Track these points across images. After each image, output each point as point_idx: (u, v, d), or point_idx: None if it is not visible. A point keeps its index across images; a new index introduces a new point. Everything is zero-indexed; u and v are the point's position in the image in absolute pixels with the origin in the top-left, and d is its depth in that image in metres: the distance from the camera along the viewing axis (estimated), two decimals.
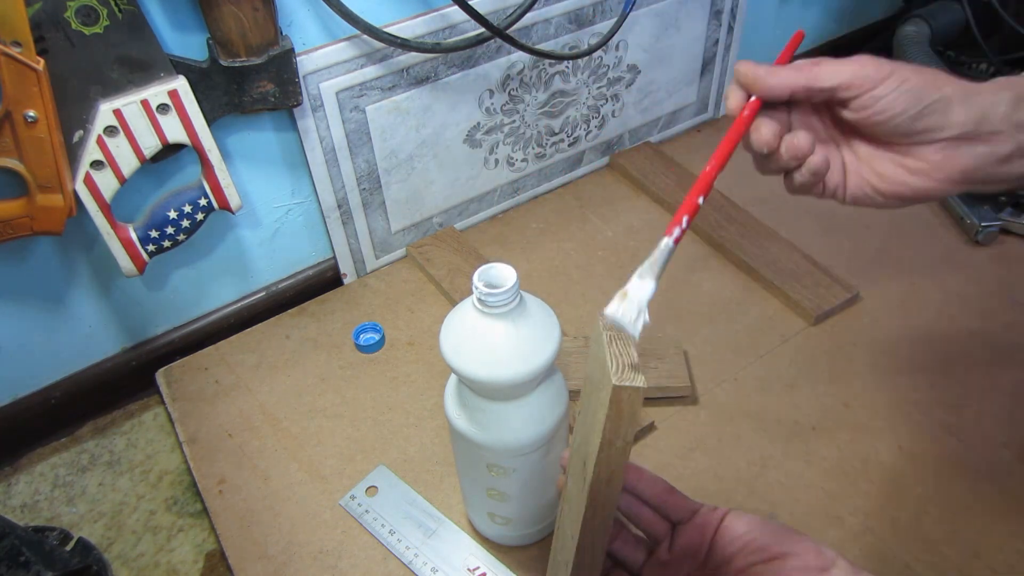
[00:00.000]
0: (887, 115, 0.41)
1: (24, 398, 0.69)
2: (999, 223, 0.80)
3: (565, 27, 0.77)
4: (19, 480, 0.68)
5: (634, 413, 0.33)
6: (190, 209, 0.64)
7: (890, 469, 0.62)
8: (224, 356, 0.73)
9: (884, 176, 0.43)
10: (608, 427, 0.34)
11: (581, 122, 0.87)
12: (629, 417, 0.34)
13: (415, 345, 0.74)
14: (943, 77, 0.42)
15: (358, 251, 0.79)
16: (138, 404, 0.74)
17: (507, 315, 0.43)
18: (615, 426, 0.34)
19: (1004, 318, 0.73)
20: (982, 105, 0.41)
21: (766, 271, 0.77)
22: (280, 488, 0.62)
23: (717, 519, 0.42)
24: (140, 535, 0.64)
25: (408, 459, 0.64)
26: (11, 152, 0.52)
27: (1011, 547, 0.56)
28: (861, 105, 0.41)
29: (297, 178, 0.73)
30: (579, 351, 0.70)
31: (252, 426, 0.67)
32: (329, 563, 0.57)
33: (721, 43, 0.93)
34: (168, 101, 0.57)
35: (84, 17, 0.51)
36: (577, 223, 0.86)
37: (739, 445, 0.64)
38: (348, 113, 0.69)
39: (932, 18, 0.97)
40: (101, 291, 0.68)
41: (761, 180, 0.83)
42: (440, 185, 0.80)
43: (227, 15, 0.56)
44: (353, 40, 0.65)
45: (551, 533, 0.58)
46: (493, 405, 0.47)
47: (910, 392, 0.67)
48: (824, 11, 1.07)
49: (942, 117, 0.41)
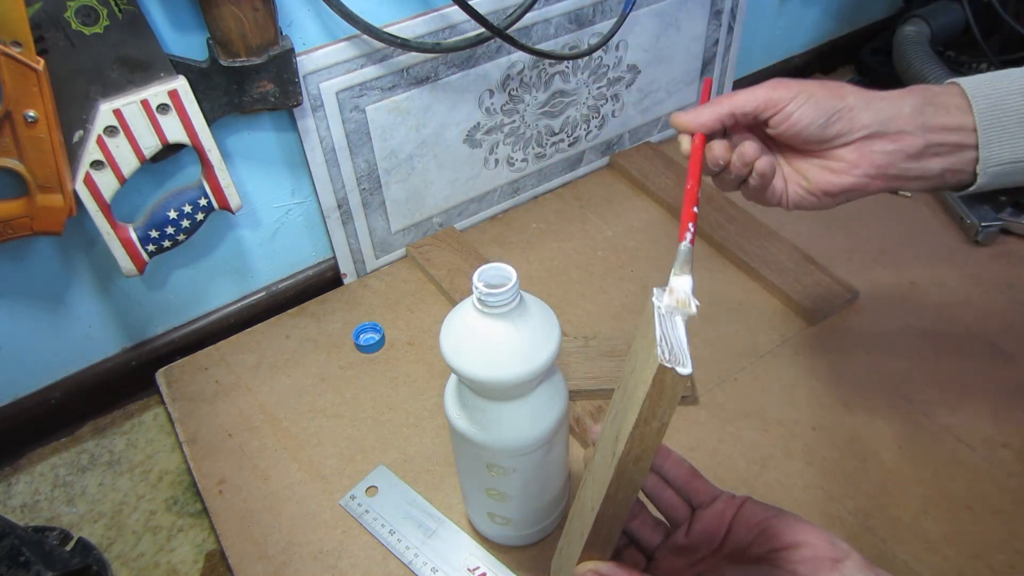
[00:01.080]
0: (800, 126, 0.49)
1: (24, 398, 0.69)
2: (999, 223, 0.80)
3: (565, 27, 0.77)
4: (19, 480, 0.68)
5: (675, 396, 0.34)
6: (190, 209, 0.64)
7: (890, 469, 0.62)
8: (224, 356, 0.73)
9: (812, 179, 0.50)
10: (647, 405, 0.34)
11: (581, 122, 0.87)
12: (670, 399, 0.34)
13: (415, 345, 0.74)
14: (847, 88, 0.49)
15: (358, 251, 0.79)
16: (138, 404, 0.74)
17: (507, 315, 0.43)
18: (654, 405, 0.34)
19: (1004, 318, 0.73)
20: (885, 109, 0.48)
21: (766, 271, 0.77)
22: (280, 488, 0.62)
23: (736, 506, 0.43)
24: (140, 535, 0.64)
25: (408, 459, 0.64)
26: (11, 152, 0.52)
27: (1011, 547, 0.56)
28: (777, 121, 0.49)
29: (297, 178, 0.73)
30: (579, 351, 0.70)
31: (252, 426, 0.67)
32: (329, 563, 0.57)
33: (721, 43, 0.93)
34: (168, 101, 0.57)
35: (84, 17, 0.51)
36: (577, 223, 0.86)
37: (739, 445, 0.64)
38: (348, 113, 0.69)
39: (932, 18, 0.97)
40: (101, 291, 0.68)
41: None
42: (440, 185, 0.80)
43: (227, 15, 0.56)
44: (353, 40, 0.65)
45: (551, 533, 0.58)
46: (493, 405, 0.47)
47: (910, 392, 0.67)
48: (824, 11, 1.07)
49: (848, 122, 0.48)
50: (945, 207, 0.85)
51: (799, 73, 1.10)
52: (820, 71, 1.12)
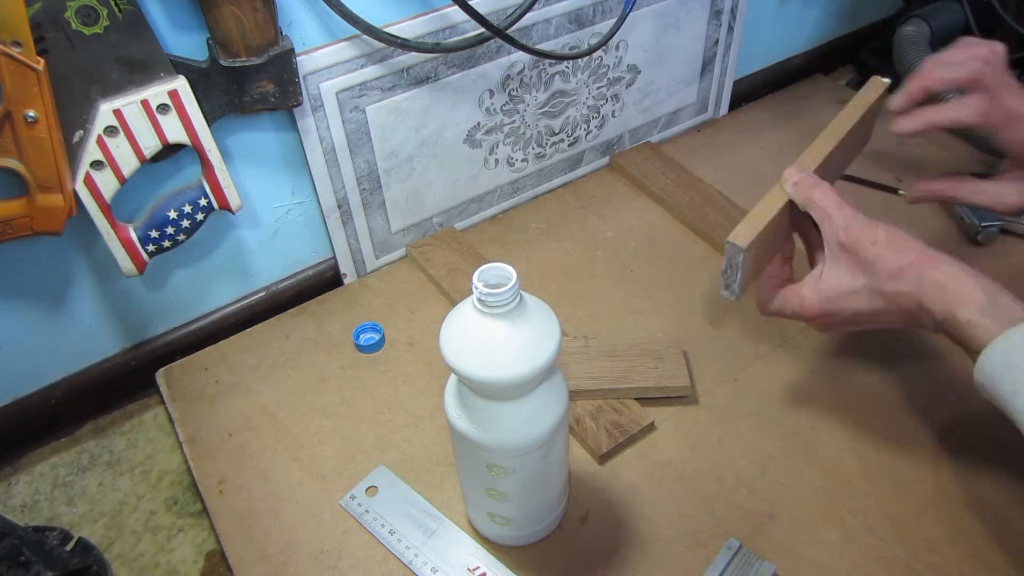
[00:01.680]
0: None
1: (24, 398, 0.69)
2: (999, 223, 0.80)
3: (565, 27, 0.77)
4: (19, 480, 0.68)
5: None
6: (190, 209, 0.64)
7: (890, 469, 0.62)
8: (224, 356, 0.73)
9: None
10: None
11: (581, 122, 0.87)
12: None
13: (415, 345, 0.74)
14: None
15: (358, 251, 0.79)
16: (138, 404, 0.74)
17: (507, 315, 0.43)
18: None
19: None
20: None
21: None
22: (280, 488, 0.62)
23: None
24: (140, 535, 0.64)
25: (408, 459, 0.64)
26: (11, 152, 0.52)
27: (1011, 547, 0.56)
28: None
29: (297, 178, 0.73)
30: (579, 351, 0.70)
31: (252, 426, 0.67)
32: (329, 563, 0.57)
33: (721, 43, 0.93)
34: (168, 101, 0.57)
35: (84, 17, 0.51)
36: (577, 223, 0.86)
37: (739, 445, 0.64)
38: (348, 113, 0.69)
39: (932, 18, 0.96)
40: (101, 291, 0.68)
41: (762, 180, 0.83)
42: (440, 185, 0.80)
43: (227, 15, 0.56)
44: (353, 40, 0.65)
45: (551, 533, 0.58)
46: (493, 405, 0.47)
47: (910, 392, 0.67)
48: (824, 11, 1.07)
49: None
50: (945, 207, 0.85)
51: (799, 73, 1.10)
52: (820, 71, 1.12)
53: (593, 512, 0.60)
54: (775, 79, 1.08)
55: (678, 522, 0.58)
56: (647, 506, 0.59)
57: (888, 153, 0.94)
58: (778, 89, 1.08)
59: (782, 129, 0.99)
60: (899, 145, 0.95)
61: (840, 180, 0.83)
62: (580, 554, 0.57)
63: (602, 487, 0.61)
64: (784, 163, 0.59)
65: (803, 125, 1.00)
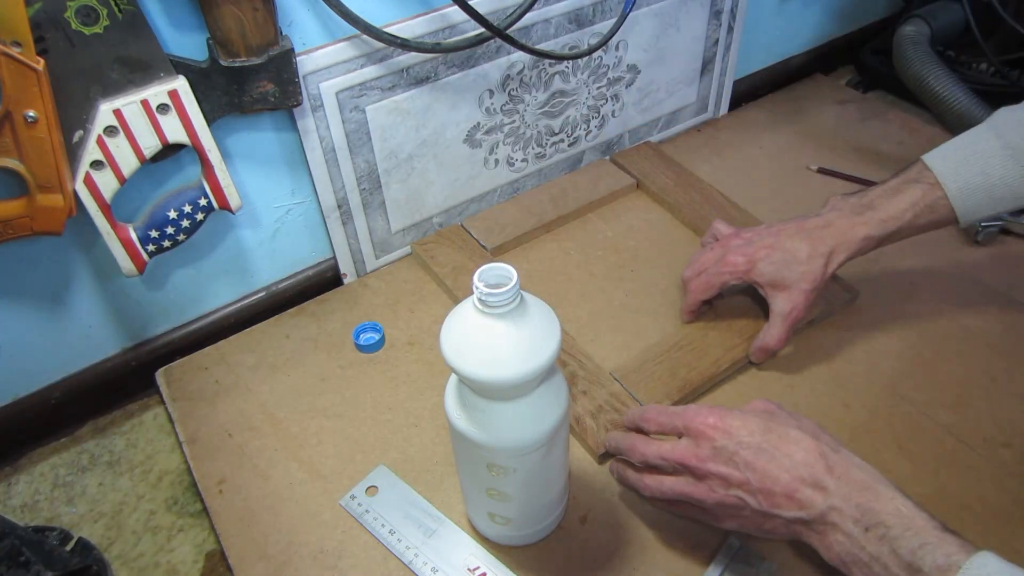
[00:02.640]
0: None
1: (24, 398, 0.69)
2: (999, 223, 0.80)
3: (565, 27, 0.77)
4: (19, 480, 0.68)
5: None
6: (190, 209, 0.64)
7: (890, 469, 0.61)
8: (224, 356, 0.73)
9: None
10: None
11: (581, 122, 0.87)
12: None
13: (415, 345, 0.74)
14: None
15: (358, 251, 0.79)
16: (138, 404, 0.74)
17: (507, 315, 0.43)
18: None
19: (1004, 318, 0.73)
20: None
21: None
22: (280, 488, 0.62)
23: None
24: (140, 535, 0.64)
25: (408, 459, 0.64)
26: (11, 152, 0.52)
27: (1011, 547, 0.56)
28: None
29: (297, 178, 0.73)
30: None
31: (252, 426, 0.67)
32: (329, 563, 0.57)
33: (721, 43, 0.93)
34: (168, 101, 0.57)
35: (84, 17, 0.51)
36: (577, 223, 0.86)
37: None
38: (348, 113, 0.69)
39: (932, 18, 0.97)
40: (101, 291, 0.68)
41: (761, 180, 0.83)
42: (440, 185, 0.80)
43: (227, 15, 0.56)
44: (353, 40, 0.65)
45: (551, 533, 0.58)
46: (493, 405, 0.47)
47: (910, 392, 0.67)
48: (824, 11, 1.07)
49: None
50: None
51: (799, 73, 1.10)
52: (820, 71, 1.12)
53: (593, 512, 0.60)
54: (775, 79, 1.08)
55: (678, 522, 0.58)
56: (647, 506, 0.59)
57: (888, 153, 0.94)
58: (778, 89, 1.08)
59: (782, 129, 0.99)
60: (899, 145, 0.95)
61: (821, 174, 0.84)
62: (580, 554, 0.57)
63: (602, 487, 0.61)
64: (784, 163, 0.58)
65: (803, 125, 1.00)
